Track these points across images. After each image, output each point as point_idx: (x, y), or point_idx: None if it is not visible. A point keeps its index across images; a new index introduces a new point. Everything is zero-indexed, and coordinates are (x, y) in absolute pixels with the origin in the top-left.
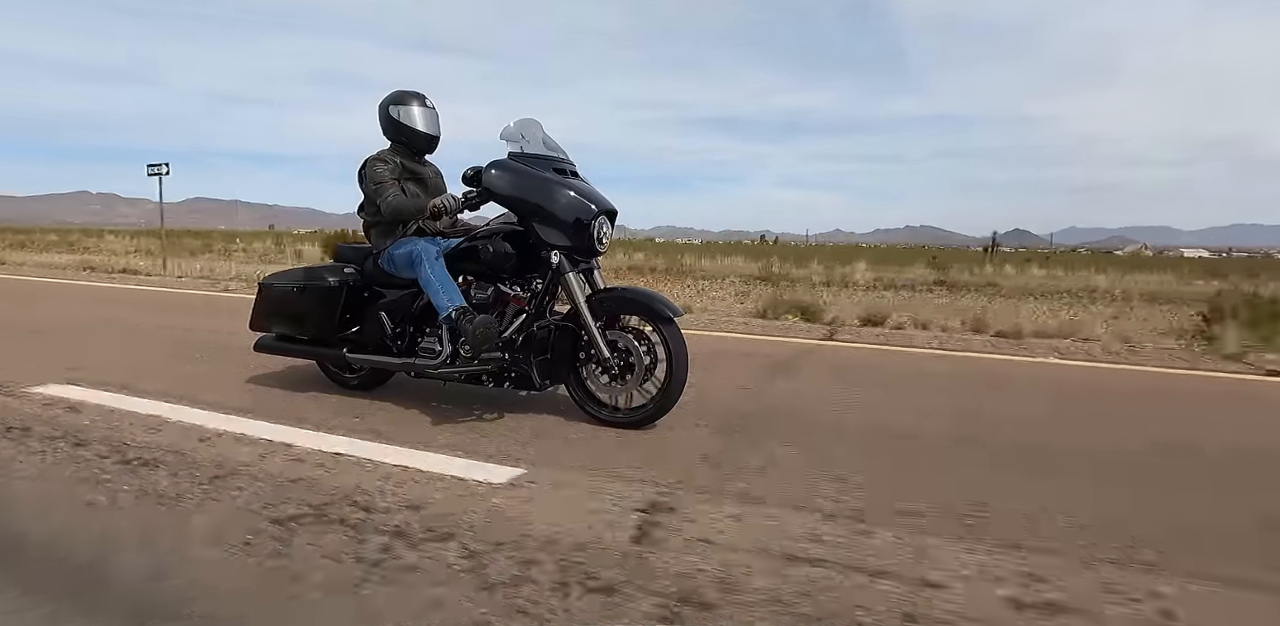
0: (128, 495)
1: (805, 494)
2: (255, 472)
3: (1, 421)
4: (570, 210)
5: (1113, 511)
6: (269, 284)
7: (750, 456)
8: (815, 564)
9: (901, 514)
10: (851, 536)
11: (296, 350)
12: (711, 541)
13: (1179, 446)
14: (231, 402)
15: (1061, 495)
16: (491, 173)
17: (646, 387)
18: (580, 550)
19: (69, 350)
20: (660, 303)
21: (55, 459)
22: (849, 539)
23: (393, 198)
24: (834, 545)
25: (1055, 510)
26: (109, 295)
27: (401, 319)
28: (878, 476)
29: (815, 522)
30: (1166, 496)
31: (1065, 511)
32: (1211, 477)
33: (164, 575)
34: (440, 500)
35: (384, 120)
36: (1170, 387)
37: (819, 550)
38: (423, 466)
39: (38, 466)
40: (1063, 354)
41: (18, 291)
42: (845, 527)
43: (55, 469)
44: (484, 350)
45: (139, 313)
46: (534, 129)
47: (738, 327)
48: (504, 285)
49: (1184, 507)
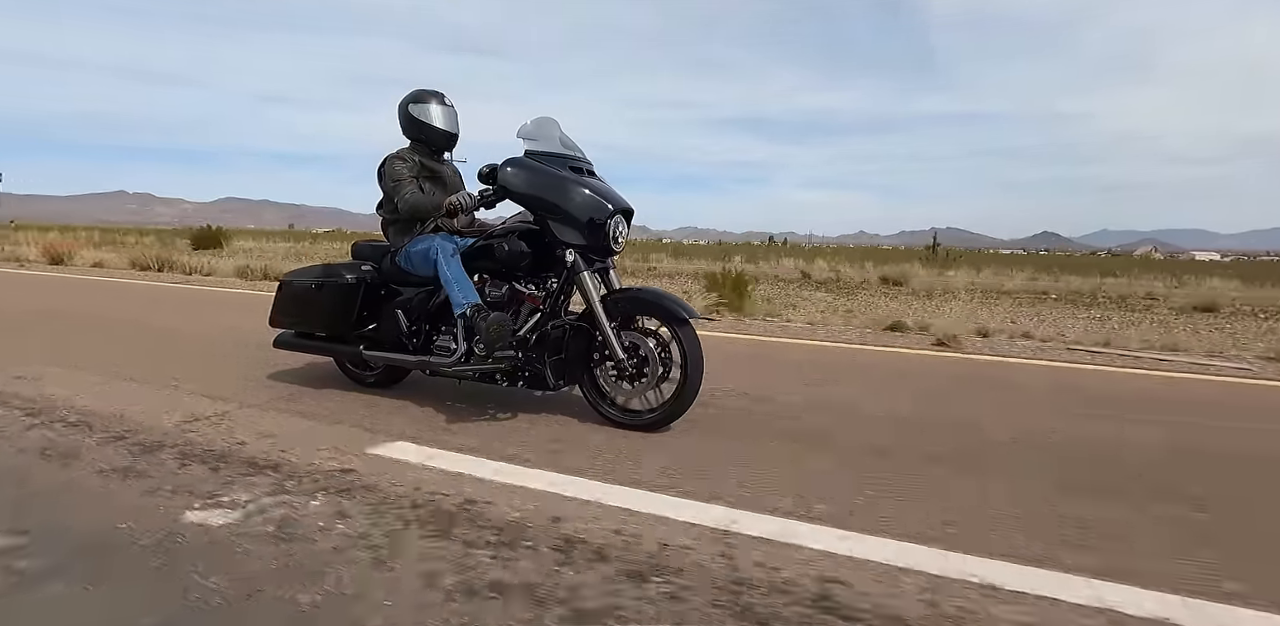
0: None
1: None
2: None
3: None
4: (586, 209)
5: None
6: (288, 281)
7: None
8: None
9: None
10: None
11: (314, 347)
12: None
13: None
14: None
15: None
16: (507, 170)
17: (661, 390)
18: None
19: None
20: (676, 304)
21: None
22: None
23: (410, 195)
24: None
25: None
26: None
27: (418, 317)
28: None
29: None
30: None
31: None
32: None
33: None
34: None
35: (403, 118)
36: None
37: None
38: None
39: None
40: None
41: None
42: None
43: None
44: (497, 348)
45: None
46: (551, 127)
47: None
48: (519, 283)
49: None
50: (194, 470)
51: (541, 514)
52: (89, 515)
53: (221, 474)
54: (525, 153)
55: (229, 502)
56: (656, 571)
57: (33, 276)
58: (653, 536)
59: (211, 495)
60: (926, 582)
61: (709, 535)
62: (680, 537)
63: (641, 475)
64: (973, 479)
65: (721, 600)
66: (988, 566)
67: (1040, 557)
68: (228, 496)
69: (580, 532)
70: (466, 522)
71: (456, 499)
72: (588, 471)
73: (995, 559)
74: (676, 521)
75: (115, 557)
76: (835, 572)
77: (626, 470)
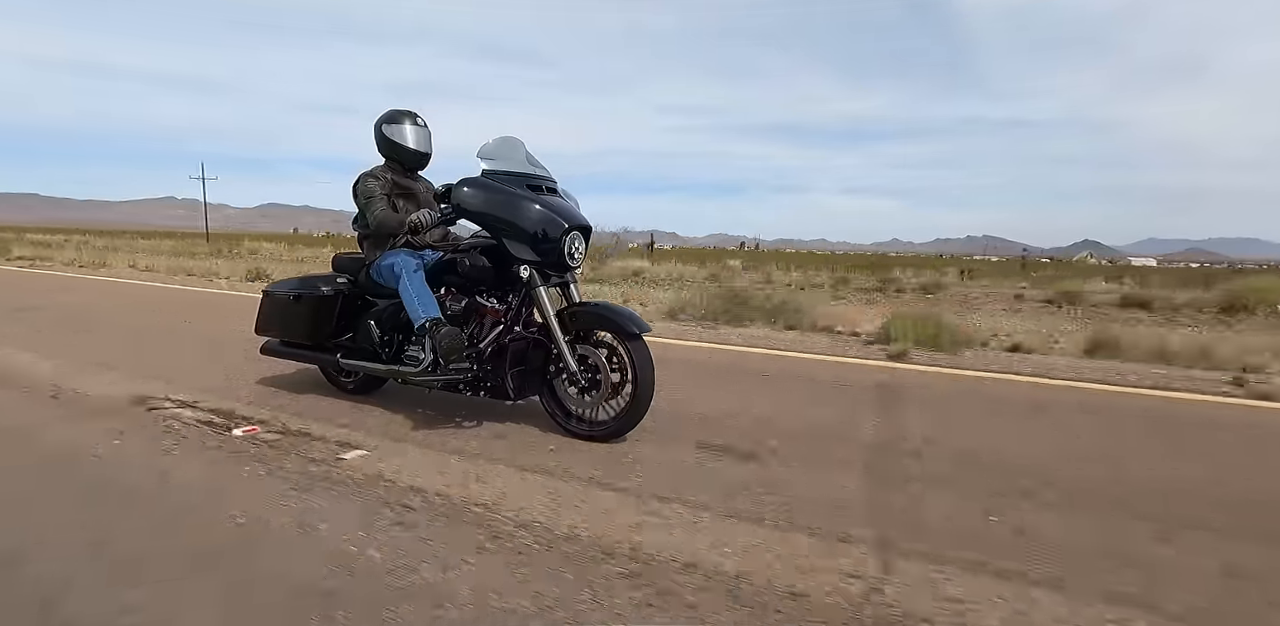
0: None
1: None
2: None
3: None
4: (538, 225)
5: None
6: (270, 291)
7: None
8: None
9: None
10: None
11: (298, 354)
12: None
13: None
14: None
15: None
16: (463, 190)
17: (616, 402)
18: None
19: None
20: (627, 318)
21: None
22: None
23: (380, 212)
24: None
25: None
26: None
27: (390, 327)
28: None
29: None
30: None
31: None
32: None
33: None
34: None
35: (378, 138)
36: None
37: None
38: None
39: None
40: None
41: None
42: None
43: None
44: (452, 360)
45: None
46: (515, 147)
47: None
48: (482, 297)
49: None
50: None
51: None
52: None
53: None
54: (483, 172)
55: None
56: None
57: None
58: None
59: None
60: None
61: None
62: None
63: None
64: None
65: None
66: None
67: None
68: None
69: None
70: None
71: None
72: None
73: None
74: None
75: None
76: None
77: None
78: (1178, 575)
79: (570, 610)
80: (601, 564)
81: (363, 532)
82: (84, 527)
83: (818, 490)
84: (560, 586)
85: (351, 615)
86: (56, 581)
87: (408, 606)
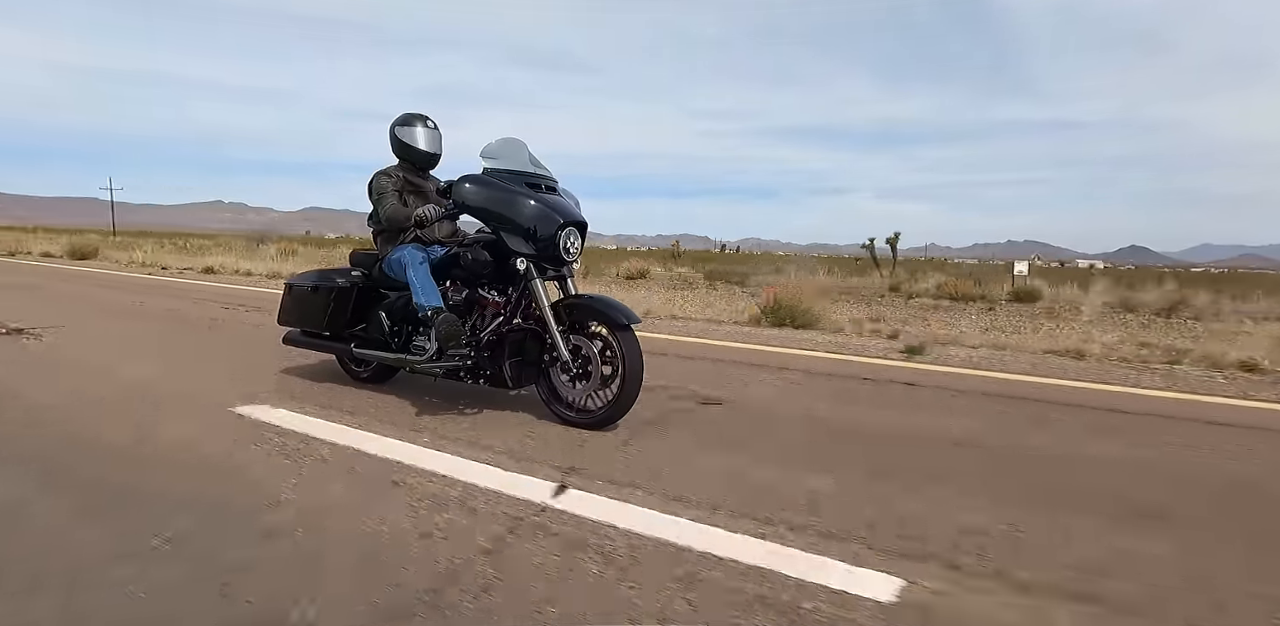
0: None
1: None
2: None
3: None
4: (534, 221)
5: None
6: (291, 284)
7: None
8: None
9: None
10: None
11: (317, 344)
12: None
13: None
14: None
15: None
16: (464, 186)
17: (609, 390)
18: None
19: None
20: (617, 310)
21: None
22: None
23: (389, 208)
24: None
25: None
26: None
27: (400, 318)
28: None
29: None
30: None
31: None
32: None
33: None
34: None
35: (392, 139)
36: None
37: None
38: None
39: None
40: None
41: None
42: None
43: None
44: (450, 347)
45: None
46: (517, 148)
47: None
48: (484, 290)
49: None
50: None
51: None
52: None
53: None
54: (484, 170)
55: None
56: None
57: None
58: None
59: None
60: None
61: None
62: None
63: None
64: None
65: None
66: None
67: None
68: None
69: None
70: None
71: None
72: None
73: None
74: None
75: None
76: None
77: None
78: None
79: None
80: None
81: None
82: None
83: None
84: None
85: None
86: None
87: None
